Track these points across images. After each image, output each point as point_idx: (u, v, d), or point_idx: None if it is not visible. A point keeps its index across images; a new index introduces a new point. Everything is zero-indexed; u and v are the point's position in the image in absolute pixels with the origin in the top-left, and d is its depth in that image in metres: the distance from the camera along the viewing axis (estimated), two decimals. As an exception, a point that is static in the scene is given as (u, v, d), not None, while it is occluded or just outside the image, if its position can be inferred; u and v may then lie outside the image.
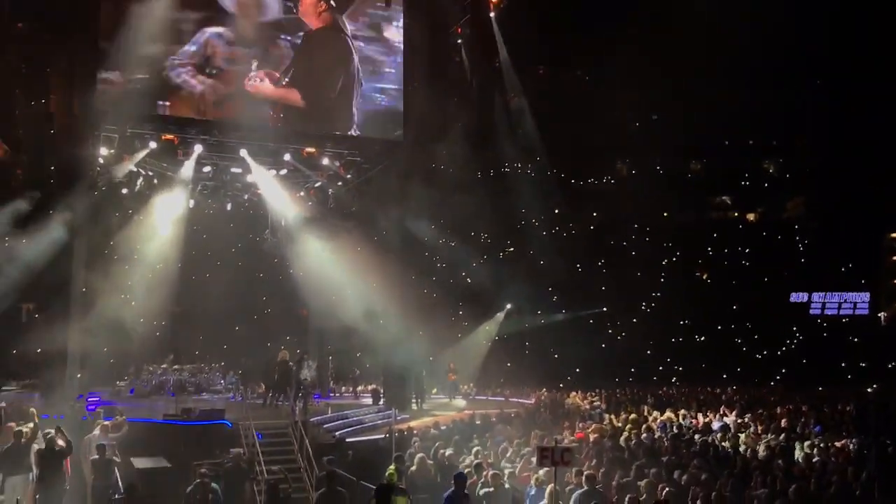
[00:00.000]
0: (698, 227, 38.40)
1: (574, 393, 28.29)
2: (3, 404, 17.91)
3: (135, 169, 22.33)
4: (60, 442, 12.97)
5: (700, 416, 21.06)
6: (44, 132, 22.10)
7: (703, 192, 39.61)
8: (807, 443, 15.63)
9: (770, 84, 32.98)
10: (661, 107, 34.84)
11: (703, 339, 36.54)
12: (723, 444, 16.21)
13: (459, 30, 25.66)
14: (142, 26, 18.94)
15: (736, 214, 40.62)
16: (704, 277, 38.83)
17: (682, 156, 38.62)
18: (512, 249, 37.23)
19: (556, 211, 36.08)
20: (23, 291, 26.44)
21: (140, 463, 14.18)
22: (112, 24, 19.02)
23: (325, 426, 19.60)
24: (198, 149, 21.58)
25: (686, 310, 35.95)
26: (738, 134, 36.83)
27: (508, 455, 14.54)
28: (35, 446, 13.23)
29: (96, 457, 13.59)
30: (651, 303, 37.07)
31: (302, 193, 25.11)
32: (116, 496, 12.42)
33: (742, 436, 17.01)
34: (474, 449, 14.60)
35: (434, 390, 28.94)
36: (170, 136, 21.01)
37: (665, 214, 38.29)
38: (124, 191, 23.13)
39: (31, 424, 14.28)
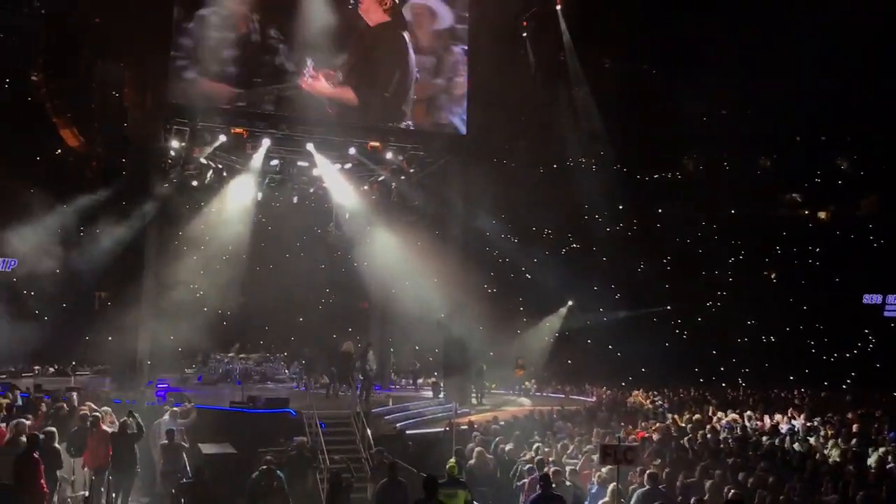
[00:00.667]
0: (767, 225, 37.41)
1: (636, 392, 27.94)
2: (79, 388, 18.65)
3: (205, 161, 22.85)
4: (132, 426, 13.38)
5: (766, 418, 20.59)
6: (118, 125, 22.72)
7: (773, 189, 38.57)
8: (881, 449, 15.14)
9: (843, 77, 31.91)
10: (729, 101, 34.06)
11: (770, 339, 35.65)
12: (791, 447, 15.82)
13: (525, 23, 25.54)
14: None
15: (806, 212, 39.49)
16: (773, 277, 37.83)
17: (750, 151, 37.66)
18: (575, 245, 36.90)
19: (621, 207, 35.60)
20: (96, 280, 27.42)
21: (207, 449, 14.52)
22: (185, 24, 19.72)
23: (386, 418, 19.78)
24: (266, 142, 21.96)
25: (753, 310, 35.10)
26: (810, 129, 35.76)
27: (570, 452, 14.47)
28: (108, 430, 13.69)
29: (165, 442, 13.97)
30: (717, 302, 36.30)
31: (366, 187, 25.36)
32: (184, 480, 12.73)
33: (811, 440, 16.56)
34: (535, 445, 14.57)
35: (493, 385, 28.93)
36: (239, 130, 21.44)
37: (732, 211, 37.46)
38: (194, 183, 23.67)
39: (106, 409, 14.81)
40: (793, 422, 19.74)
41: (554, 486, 11.08)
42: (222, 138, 21.55)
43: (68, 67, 24.07)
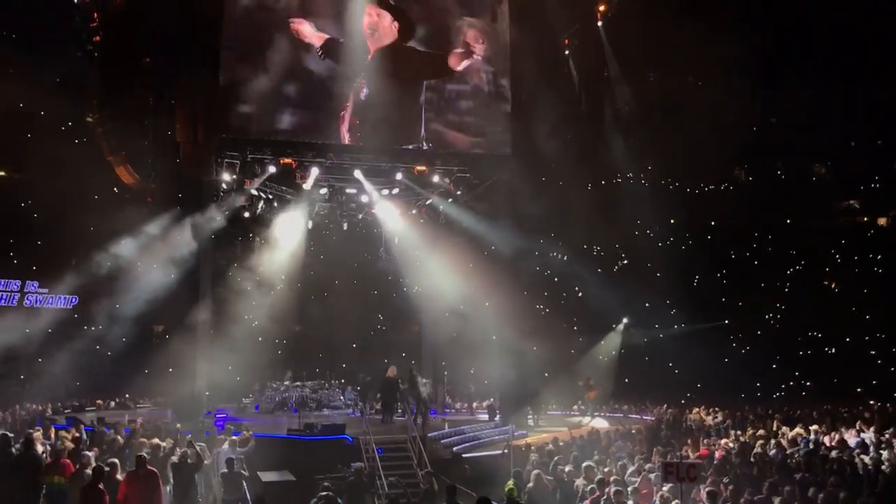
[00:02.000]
0: (825, 234, 36.52)
1: (696, 408, 27.34)
2: (140, 420, 18.96)
3: (256, 193, 23.23)
4: (192, 456, 13.52)
5: (833, 432, 19.91)
6: (171, 161, 23.20)
7: (829, 197, 37.69)
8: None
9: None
10: (779, 108, 33.40)
11: (833, 351, 34.62)
12: (862, 460, 15.26)
13: (567, 41, 25.51)
14: None
15: (865, 219, 38.44)
16: (833, 286, 36.81)
17: (804, 159, 36.90)
18: (626, 261, 36.44)
19: (672, 220, 35.10)
20: (154, 313, 27.95)
21: (267, 476, 14.60)
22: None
23: (442, 441, 19.68)
24: (314, 171, 22.23)
25: (814, 321, 34.20)
26: (866, 133, 34.87)
27: (630, 471, 14.17)
28: (171, 459, 13.87)
29: (225, 470, 14.09)
30: (776, 314, 35.42)
31: (414, 211, 25.47)
32: (245, 508, 12.82)
33: (885, 453, 15.95)
34: (584, 465, 14.23)
35: (551, 406, 28.61)
36: (288, 160, 21.79)
37: (788, 221, 36.63)
38: (246, 214, 24.06)
39: (169, 441, 15.04)
40: (862, 435, 19.06)
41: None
42: (272, 169, 21.91)
43: (121, 107, 24.71)
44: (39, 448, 14.03)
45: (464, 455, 18.39)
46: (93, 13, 23.85)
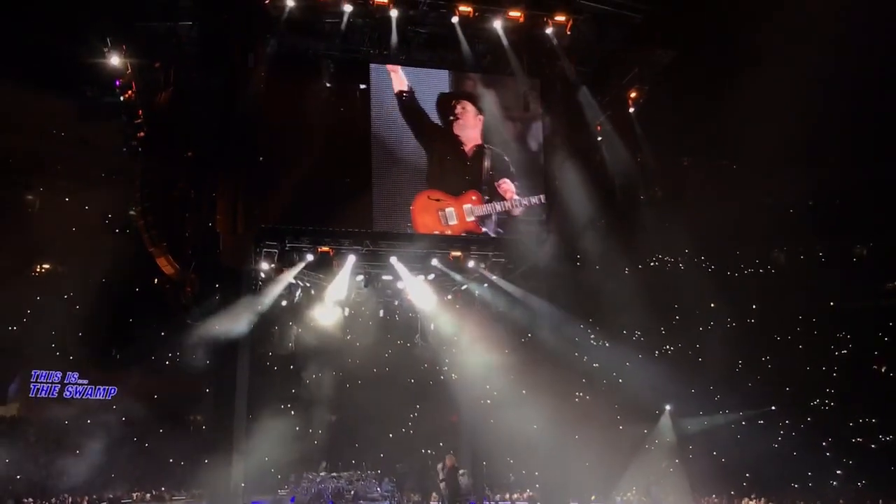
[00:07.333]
0: (871, 315, 35.65)
1: (746, 499, 26.30)
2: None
3: (293, 281, 23.41)
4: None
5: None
6: (211, 251, 23.50)
7: (872, 278, 36.98)
8: None
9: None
10: (817, 190, 33.22)
11: (889, 438, 33.27)
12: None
13: (599, 127, 25.79)
14: None
15: (912, 299, 37.56)
16: (883, 370, 35.69)
17: (844, 239, 36.44)
18: (668, 347, 35.76)
19: (713, 304, 34.55)
20: (191, 403, 27.91)
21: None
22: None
23: (483, 534, 19.08)
24: (351, 258, 22.39)
25: (867, 406, 33.04)
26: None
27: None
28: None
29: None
30: (827, 399, 34.30)
31: (450, 296, 25.42)
32: None
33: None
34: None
35: (593, 497, 27.73)
36: (325, 248, 22.02)
37: (832, 304, 35.87)
38: (284, 303, 24.19)
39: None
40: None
41: None
42: (309, 257, 22.13)
43: (164, 200, 25.27)
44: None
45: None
46: (137, 110, 24.63)
